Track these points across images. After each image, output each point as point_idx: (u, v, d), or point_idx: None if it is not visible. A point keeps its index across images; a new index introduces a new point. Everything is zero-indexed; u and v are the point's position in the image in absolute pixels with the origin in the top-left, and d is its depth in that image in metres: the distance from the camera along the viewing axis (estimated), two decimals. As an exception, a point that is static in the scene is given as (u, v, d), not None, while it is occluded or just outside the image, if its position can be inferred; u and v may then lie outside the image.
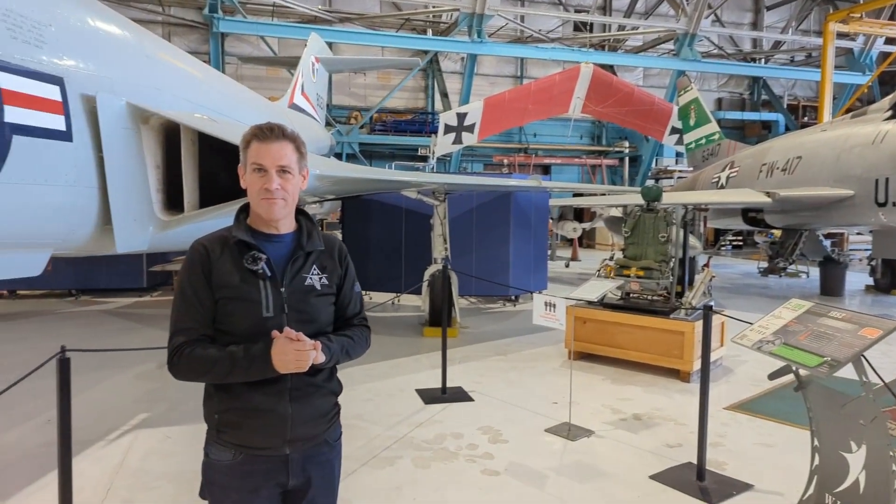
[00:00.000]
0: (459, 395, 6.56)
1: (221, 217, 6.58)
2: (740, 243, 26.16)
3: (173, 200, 5.69)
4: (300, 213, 2.27)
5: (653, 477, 4.59)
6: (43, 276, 11.63)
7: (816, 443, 3.32)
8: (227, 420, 2.13)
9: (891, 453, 2.85)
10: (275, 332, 2.00)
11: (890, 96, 10.64)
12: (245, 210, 2.21)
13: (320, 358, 2.03)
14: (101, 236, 4.98)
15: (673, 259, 7.68)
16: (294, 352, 1.97)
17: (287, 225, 2.20)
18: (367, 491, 4.37)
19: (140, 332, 9.73)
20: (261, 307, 2.07)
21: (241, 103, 8.82)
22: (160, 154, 5.57)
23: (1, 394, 3.41)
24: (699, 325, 6.52)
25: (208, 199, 5.83)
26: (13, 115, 3.65)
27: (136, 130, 5.13)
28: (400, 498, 4.28)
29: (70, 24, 4.57)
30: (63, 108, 4.24)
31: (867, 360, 2.87)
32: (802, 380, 3.31)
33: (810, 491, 3.35)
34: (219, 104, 7.40)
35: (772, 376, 3.40)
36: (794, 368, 3.26)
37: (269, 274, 2.10)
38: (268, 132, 2.10)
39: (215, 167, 6.47)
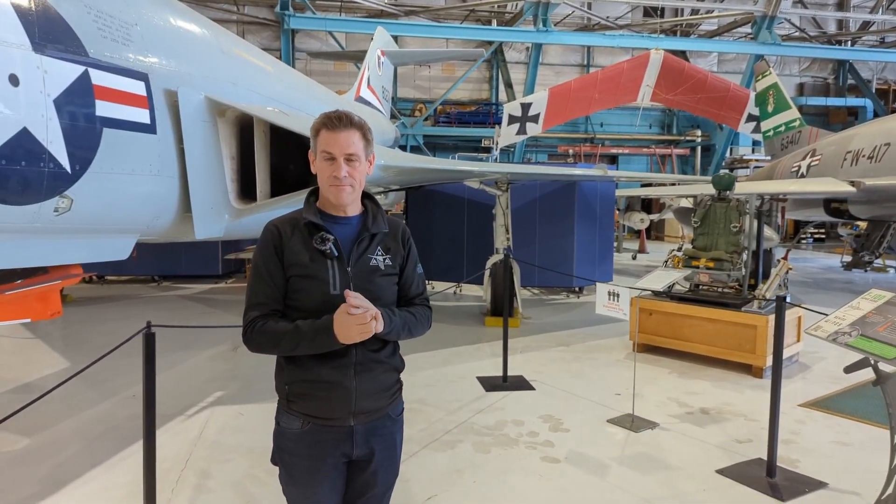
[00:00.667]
0: (521, 384, 6.59)
1: (291, 205, 6.78)
2: (822, 236, 24.96)
3: (246, 190, 5.94)
4: (366, 196, 2.36)
5: (720, 471, 4.50)
6: (129, 263, 12.36)
7: None
8: (297, 391, 2.24)
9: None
10: (346, 291, 2.09)
11: None
12: (315, 193, 2.32)
13: (380, 327, 2.10)
14: (182, 223, 5.26)
15: (745, 250, 7.44)
16: (355, 321, 2.05)
17: (354, 208, 2.30)
18: (427, 472, 4.47)
19: (215, 315, 10.22)
20: (328, 285, 2.17)
21: (310, 97, 9.07)
22: (235, 145, 5.82)
23: (92, 364, 3.67)
24: (773, 318, 6.33)
25: (279, 188, 6.07)
26: (103, 109, 3.90)
27: (213, 123, 5.38)
28: (460, 480, 4.36)
29: (153, 23, 4.83)
30: (148, 102, 4.48)
31: (951, 354, 2.74)
32: (882, 374, 3.18)
33: (889, 491, 3.22)
34: (289, 97, 7.65)
35: (848, 369, 3.27)
36: (872, 362, 3.13)
37: (335, 254, 2.19)
38: (336, 121, 2.19)
39: (286, 158, 6.73)
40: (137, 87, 4.37)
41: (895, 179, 10.48)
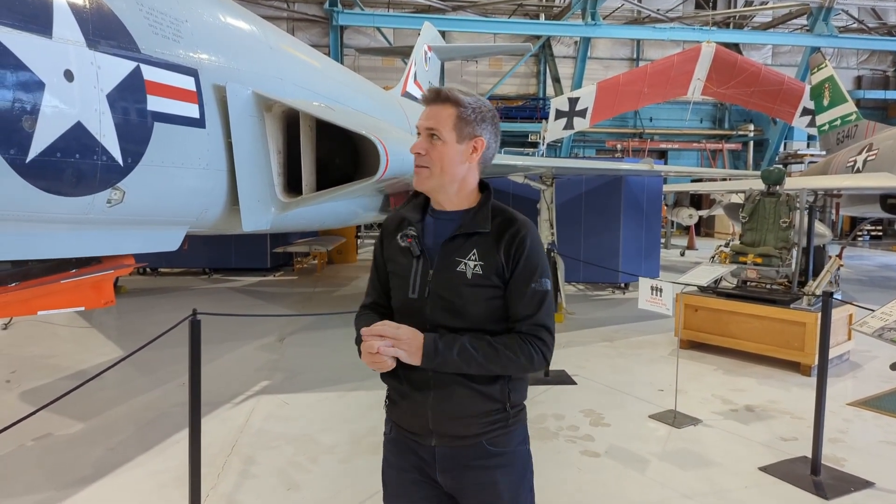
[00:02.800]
0: (562, 378, 6.56)
1: (337, 199, 6.98)
2: (880, 233, 23.99)
3: (293, 183, 6.08)
4: (484, 188, 2.02)
5: (763, 469, 4.40)
6: (181, 255, 12.80)
7: (946, 440, 3.07)
8: (389, 393, 2.05)
9: None
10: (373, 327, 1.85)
11: None
12: None
13: (412, 360, 1.82)
14: (230, 216, 5.43)
15: (795, 246, 7.23)
16: (366, 349, 1.83)
17: (453, 201, 1.97)
18: (466, 463, 4.50)
19: (263, 307, 10.48)
20: (409, 287, 1.94)
21: (356, 92, 9.19)
22: (281, 139, 5.95)
23: (138, 351, 3.85)
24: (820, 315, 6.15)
25: (325, 182, 6.20)
26: (154, 103, 4.07)
27: (260, 118, 5.52)
28: (499, 472, 4.38)
29: (203, 19, 4.99)
30: (197, 97, 4.65)
31: None
32: (930, 371, 3.07)
33: (938, 491, 3.11)
34: (335, 92, 7.78)
35: (894, 366, 3.18)
36: (921, 359, 3.03)
37: (417, 253, 1.93)
38: (430, 95, 1.92)
39: (331, 152, 6.85)
40: (187, 83, 4.54)
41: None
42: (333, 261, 16.38)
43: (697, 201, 20.80)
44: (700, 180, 18.66)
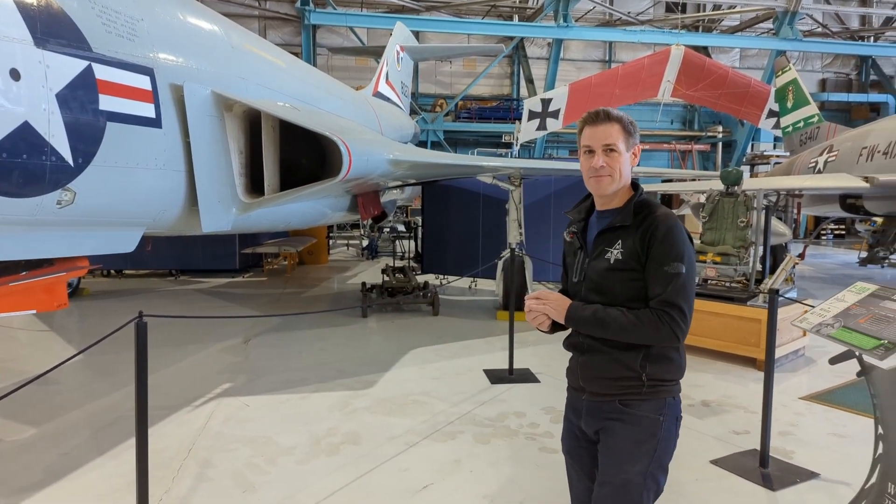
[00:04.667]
0: (526, 377, 6.63)
1: (301, 200, 6.96)
2: (843, 232, 24.57)
3: (257, 184, 6.03)
4: (635, 188, 2.41)
5: (714, 461, 4.51)
6: (145, 257, 12.56)
7: (881, 430, 3.18)
8: (568, 352, 2.50)
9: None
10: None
11: None
12: None
13: (559, 317, 2.31)
14: (189, 217, 5.37)
15: (753, 245, 7.39)
16: (526, 308, 2.37)
17: (617, 201, 2.38)
18: (427, 462, 4.55)
19: (231, 309, 10.37)
20: (573, 273, 2.44)
21: (325, 92, 9.17)
22: (243, 140, 5.90)
23: (80, 353, 3.84)
24: (779, 312, 6.29)
25: (292, 182, 6.14)
26: (107, 103, 4.03)
27: (220, 117, 5.48)
28: (457, 470, 4.42)
29: (160, 18, 4.95)
30: (153, 96, 4.61)
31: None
32: (865, 364, 3.17)
33: (873, 479, 3.22)
34: (302, 93, 7.74)
35: (832, 361, 3.29)
36: (857, 353, 3.13)
37: (578, 245, 2.43)
38: (594, 116, 2.32)
39: (299, 152, 6.81)
40: (143, 82, 4.50)
41: (909, 175, 10.33)
42: (304, 262, 16.29)
43: (668, 201, 21.07)
44: (670, 181, 18.91)
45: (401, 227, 19.09)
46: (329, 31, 27.01)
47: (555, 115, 16.12)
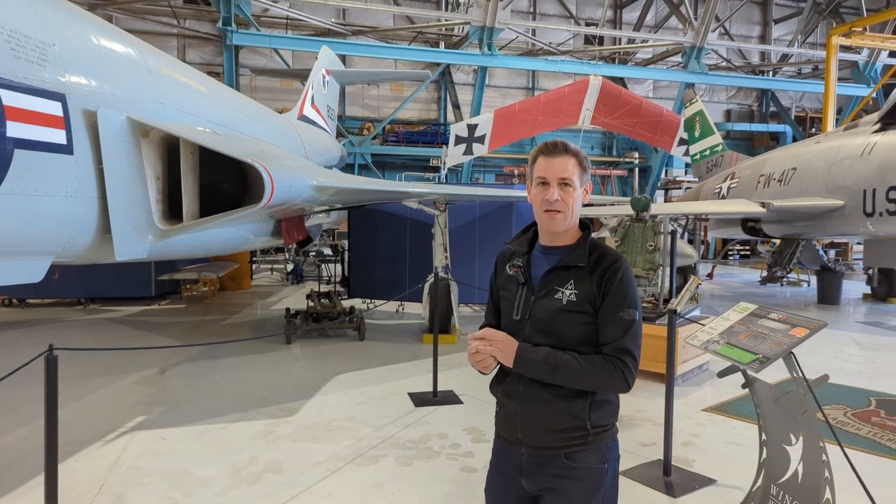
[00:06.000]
0: (450, 399, 6.75)
1: (221, 226, 6.87)
2: (748, 253, 26.11)
3: (177, 210, 5.94)
4: (585, 227, 2.31)
5: (622, 472, 4.73)
6: (52, 285, 11.93)
7: (764, 437, 3.49)
8: (496, 398, 2.36)
9: (821, 444, 3.02)
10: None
11: (880, 110, 10.77)
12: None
13: (504, 360, 2.15)
14: (102, 244, 5.23)
15: (661, 267, 7.83)
16: (469, 350, 2.21)
17: (567, 238, 2.26)
18: (348, 488, 4.58)
19: (145, 339, 10.00)
20: (513, 310, 2.26)
21: (248, 116, 9.10)
22: (160, 166, 5.81)
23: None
24: (683, 330, 6.69)
25: (214, 208, 6.06)
26: (15, 129, 3.93)
27: (136, 143, 5.40)
28: (380, 494, 4.47)
29: (73, 42, 4.86)
30: (64, 122, 4.52)
31: (796, 358, 3.05)
32: (748, 377, 3.48)
33: (759, 483, 3.51)
34: (223, 117, 7.68)
35: (720, 374, 3.58)
36: (741, 367, 3.43)
37: (522, 281, 2.27)
38: (552, 147, 2.21)
39: (222, 178, 6.73)
40: (53, 108, 4.41)
41: (800, 201, 11.24)
42: (226, 287, 15.90)
43: (588, 224, 21.82)
44: (590, 205, 19.55)
45: (327, 251, 18.96)
46: (253, 52, 26.72)
47: (481, 140, 16.47)
